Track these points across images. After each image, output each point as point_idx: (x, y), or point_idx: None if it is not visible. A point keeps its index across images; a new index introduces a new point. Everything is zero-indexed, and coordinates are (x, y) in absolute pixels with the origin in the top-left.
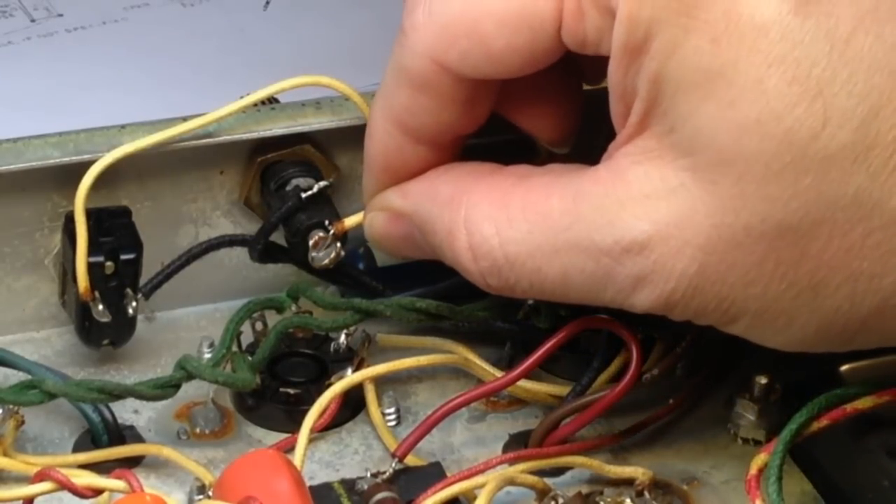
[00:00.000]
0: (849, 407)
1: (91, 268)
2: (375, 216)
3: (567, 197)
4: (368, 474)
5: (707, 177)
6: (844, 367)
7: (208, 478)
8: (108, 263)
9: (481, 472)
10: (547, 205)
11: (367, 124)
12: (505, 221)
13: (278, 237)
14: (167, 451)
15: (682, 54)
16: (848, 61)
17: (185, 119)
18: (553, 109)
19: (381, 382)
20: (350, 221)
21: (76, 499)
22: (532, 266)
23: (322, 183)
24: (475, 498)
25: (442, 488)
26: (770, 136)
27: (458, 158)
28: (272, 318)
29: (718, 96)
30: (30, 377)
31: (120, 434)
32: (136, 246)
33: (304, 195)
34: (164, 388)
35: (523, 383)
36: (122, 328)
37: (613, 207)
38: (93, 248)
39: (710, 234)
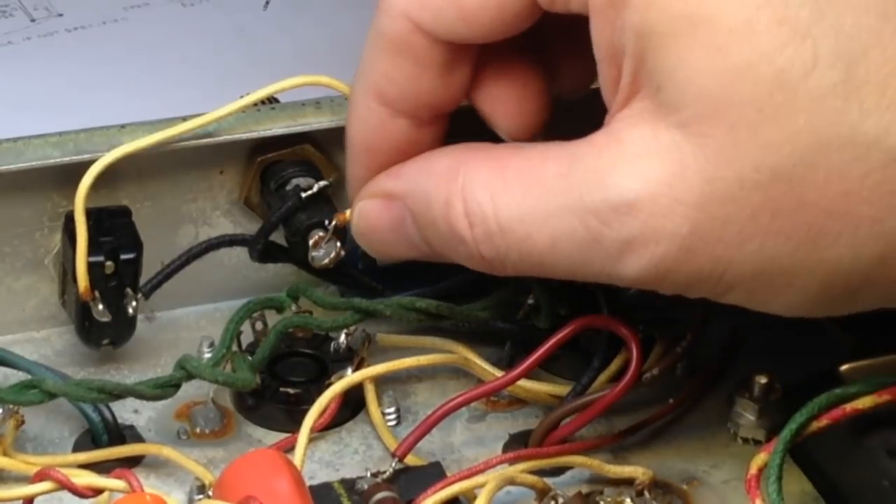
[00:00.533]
0: (849, 407)
1: (91, 267)
2: (365, 204)
3: (563, 162)
4: (368, 474)
5: (698, 130)
6: (844, 367)
7: (208, 477)
8: (108, 263)
9: (481, 471)
10: (542, 169)
11: (348, 107)
12: (500, 187)
13: (278, 237)
14: (167, 451)
15: (664, 2)
16: (835, 2)
17: (185, 119)
18: (517, 97)
19: (381, 382)
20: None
21: (76, 499)
22: (522, 233)
23: (322, 183)
24: (475, 498)
25: (442, 488)
26: (762, 78)
27: (439, 141)
28: (272, 318)
29: (705, 43)
30: (30, 377)
31: (120, 434)
32: (136, 246)
33: (304, 195)
34: (164, 388)
35: (523, 383)
36: (122, 328)
37: (605, 168)
38: (93, 248)
39: (702, 190)
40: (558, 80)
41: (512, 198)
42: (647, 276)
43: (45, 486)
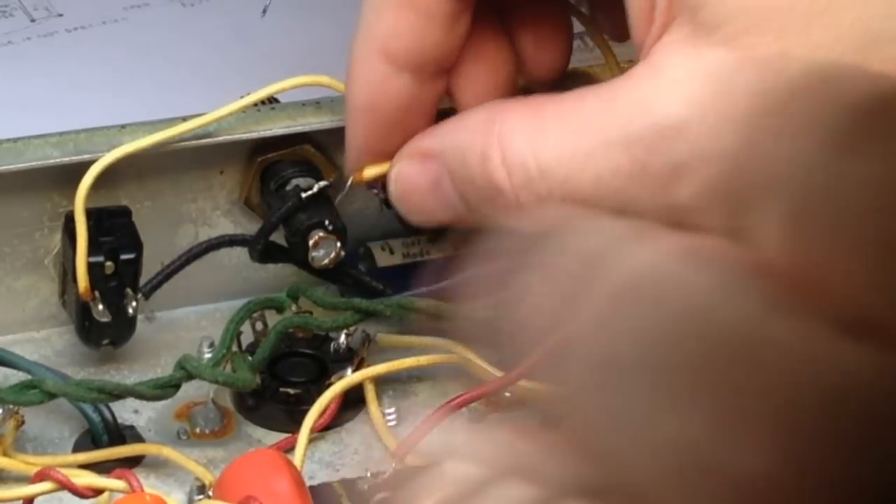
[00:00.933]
0: None
1: (91, 268)
2: (403, 166)
3: (601, 98)
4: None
5: (745, 42)
6: None
7: (208, 478)
8: (108, 263)
9: None
10: (581, 109)
11: (347, 70)
12: (537, 130)
13: (278, 237)
14: (167, 451)
15: None
16: None
17: (185, 119)
18: (486, 80)
19: (381, 382)
20: (370, 172)
21: (76, 499)
22: (563, 173)
23: (322, 183)
24: None
25: None
26: None
27: (440, 99)
28: (272, 318)
29: None
30: (30, 377)
31: (120, 434)
32: (136, 246)
33: (304, 195)
34: (164, 388)
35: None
36: (122, 328)
37: (648, 97)
38: (93, 248)
39: (752, 104)
40: (526, 68)
41: (551, 139)
42: (701, 199)
43: (45, 486)
